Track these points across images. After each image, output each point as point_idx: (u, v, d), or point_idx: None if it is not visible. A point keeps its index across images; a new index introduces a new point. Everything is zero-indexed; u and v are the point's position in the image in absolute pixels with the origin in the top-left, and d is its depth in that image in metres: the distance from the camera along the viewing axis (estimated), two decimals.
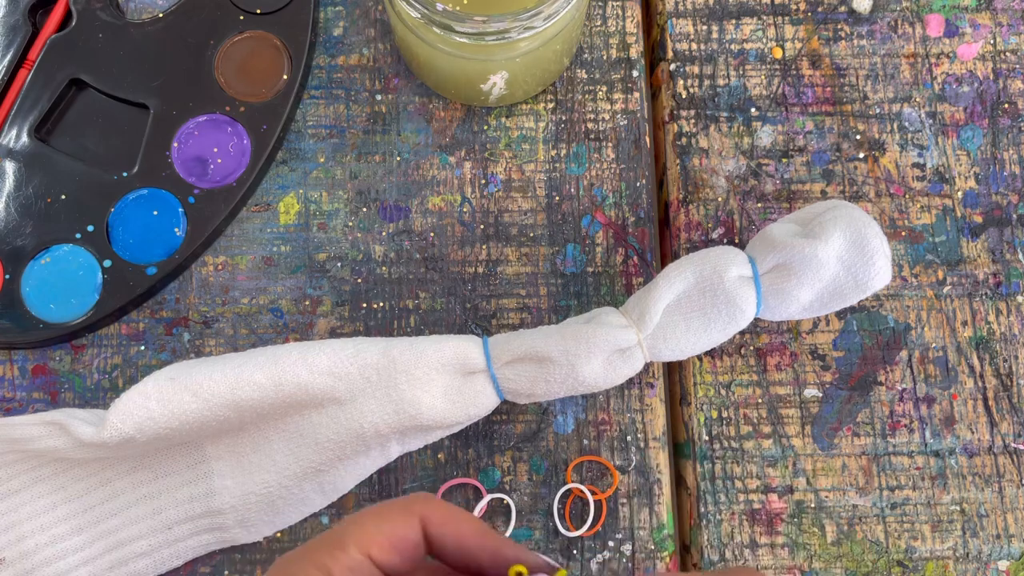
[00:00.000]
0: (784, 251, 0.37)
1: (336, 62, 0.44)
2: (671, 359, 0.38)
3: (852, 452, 0.40)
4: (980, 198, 0.43)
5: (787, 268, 0.37)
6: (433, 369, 0.37)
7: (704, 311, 0.37)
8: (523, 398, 0.38)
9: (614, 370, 0.37)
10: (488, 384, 0.37)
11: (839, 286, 0.37)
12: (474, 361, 0.37)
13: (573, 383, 0.37)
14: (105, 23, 0.43)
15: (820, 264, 0.36)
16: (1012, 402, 0.41)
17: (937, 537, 0.40)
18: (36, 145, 0.42)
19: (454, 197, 0.43)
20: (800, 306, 0.37)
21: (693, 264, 0.37)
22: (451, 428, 0.38)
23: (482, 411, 0.38)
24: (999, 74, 0.44)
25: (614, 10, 0.45)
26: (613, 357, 0.37)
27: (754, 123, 0.44)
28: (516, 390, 0.37)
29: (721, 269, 0.37)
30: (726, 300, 0.37)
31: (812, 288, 0.37)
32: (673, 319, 0.37)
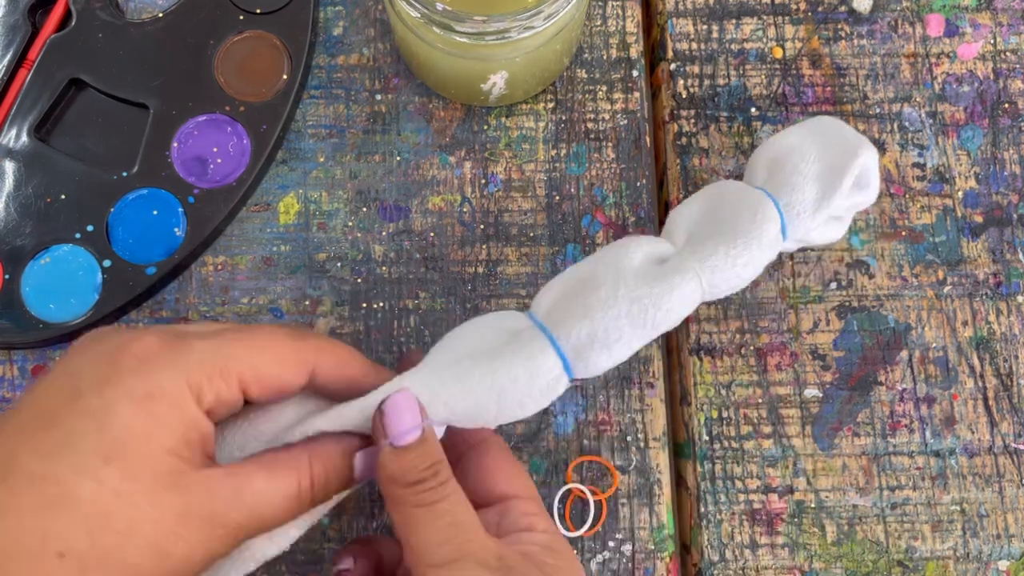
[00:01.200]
0: (763, 151, 0.38)
1: (336, 62, 0.44)
2: (722, 268, 0.35)
3: (852, 452, 0.40)
4: (980, 198, 0.43)
5: (775, 163, 0.37)
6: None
7: (728, 215, 0.35)
8: (587, 344, 0.33)
9: (658, 276, 0.34)
10: (538, 334, 0.33)
11: (832, 159, 0.37)
12: (515, 321, 0.34)
13: (625, 291, 0.33)
14: (105, 23, 0.43)
15: (796, 144, 0.37)
16: (1012, 402, 0.41)
17: (937, 537, 0.40)
18: (36, 145, 0.42)
19: (454, 197, 0.43)
20: (812, 188, 0.36)
21: (696, 195, 0.37)
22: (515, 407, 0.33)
23: (541, 369, 0.32)
24: (999, 74, 0.44)
25: (614, 10, 0.45)
26: (654, 264, 0.34)
27: (754, 123, 0.44)
28: (570, 330, 0.32)
29: (722, 186, 0.37)
30: (740, 202, 0.36)
31: (807, 165, 0.37)
32: (704, 233, 0.35)
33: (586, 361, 0.33)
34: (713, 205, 0.36)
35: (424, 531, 0.28)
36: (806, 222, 0.36)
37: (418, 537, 0.28)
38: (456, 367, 0.32)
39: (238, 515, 0.27)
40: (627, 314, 0.33)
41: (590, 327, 0.32)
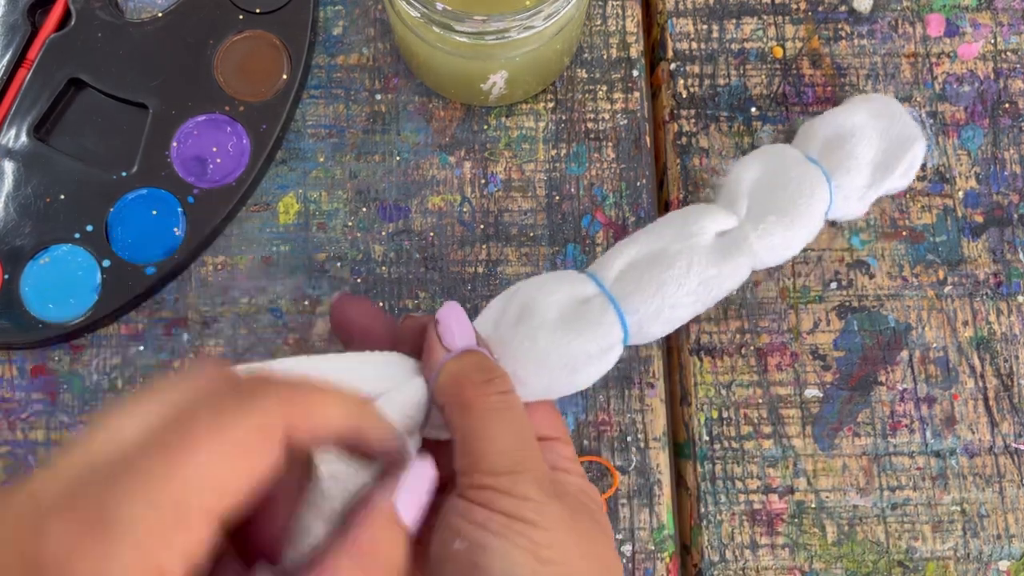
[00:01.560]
0: (825, 125, 0.38)
1: (336, 62, 0.44)
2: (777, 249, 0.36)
3: (853, 452, 0.40)
4: (981, 198, 0.43)
5: (835, 141, 0.38)
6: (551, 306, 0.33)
7: (786, 189, 0.36)
8: (650, 319, 0.33)
9: (726, 257, 0.34)
10: (608, 308, 0.33)
11: (888, 148, 0.38)
12: (583, 288, 0.33)
13: (697, 270, 0.34)
14: (104, 22, 0.43)
15: (859, 127, 0.38)
16: (1013, 402, 0.41)
17: (938, 537, 0.40)
18: (35, 145, 0.42)
19: (454, 197, 0.43)
20: (865, 174, 0.37)
21: (756, 156, 0.37)
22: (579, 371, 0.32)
23: (609, 342, 0.32)
24: (1000, 74, 0.44)
25: (614, 9, 0.45)
26: (722, 241, 0.35)
27: (754, 123, 0.44)
28: (638, 305, 0.33)
29: (781, 152, 0.37)
30: (799, 178, 0.36)
31: (864, 150, 0.37)
32: (763, 205, 0.36)
33: (644, 333, 0.34)
34: (773, 171, 0.37)
35: (490, 437, 0.28)
36: (851, 204, 0.38)
37: (483, 443, 0.28)
38: (530, 342, 0.31)
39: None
40: (695, 292, 0.34)
41: (659, 303, 0.33)
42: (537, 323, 0.32)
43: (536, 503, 0.27)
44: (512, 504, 0.27)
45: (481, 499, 0.27)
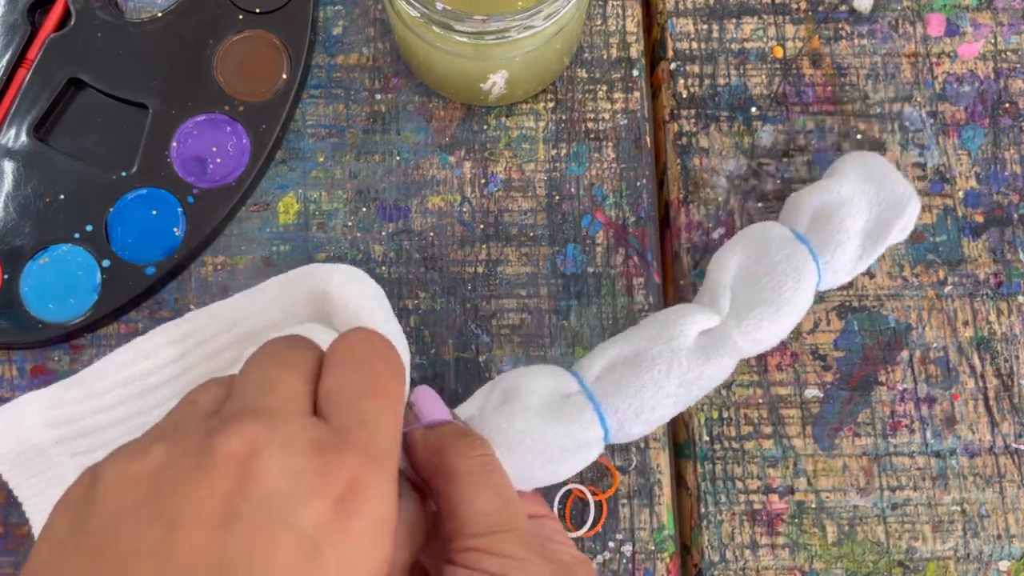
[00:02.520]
0: (812, 198, 0.37)
1: (335, 61, 0.44)
2: (764, 342, 0.36)
3: (853, 452, 0.40)
4: (981, 198, 0.43)
5: (823, 213, 0.37)
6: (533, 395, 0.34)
7: (771, 276, 0.36)
8: (630, 419, 0.34)
9: (709, 357, 0.34)
10: (587, 406, 0.33)
11: (880, 215, 0.37)
12: (566, 383, 0.34)
13: (678, 372, 0.34)
14: (104, 22, 0.43)
15: (847, 197, 0.37)
16: (1013, 402, 0.41)
17: (938, 537, 0.40)
18: (35, 145, 0.42)
19: (454, 197, 0.43)
20: (855, 245, 0.37)
21: (738, 242, 0.37)
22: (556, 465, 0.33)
23: (586, 439, 0.33)
24: (1000, 73, 0.44)
25: (614, 9, 0.45)
26: (704, 341, 0.35)
27: (755, 123, 0.44)
28: (618, 405, 0.33)
29: (765, 233, 0.37)
30: (784, 262, 0.36)
31: (854, 220, 0.37)
32: (747, 297, 0.36)
33: (625, 432, 0.34)
34: (756, 257, 0.36)
35: (473, 499, 0.28)
36: (841, 278, 0.37)
37: (466, 506, 0.28)
38: (507, 423, 0.32)
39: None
40: (675, 394, 0.34)
41: (638, 405, 0.34)
42: (517, 407, 0.32)
43: (521, 561, 0.27)
44: (497, 564, 0.27)
45: (468, 561, 0.27)
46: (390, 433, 0.25)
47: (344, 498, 0.23)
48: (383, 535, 0.24)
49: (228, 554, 0.21)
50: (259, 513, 0.22)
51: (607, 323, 0.41)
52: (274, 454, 0.23)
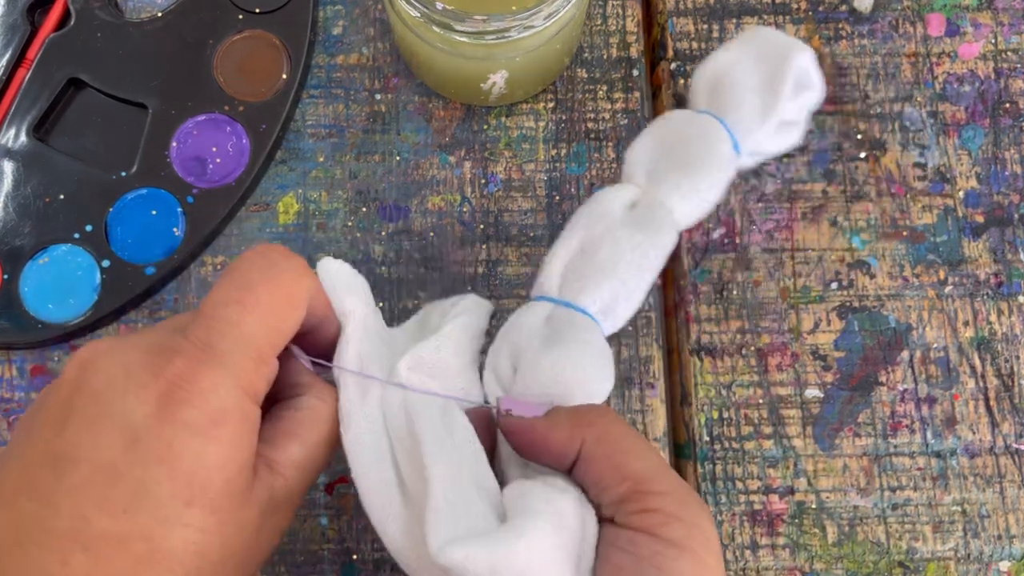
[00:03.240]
0: (701, 76, 0.38)
1: (335, 61, 0.44)
2: (696, 213, 0.36)
3: (853, 453, 0.40)
4: (981, 198, 0.43)
5: (715, 85, 0.38)
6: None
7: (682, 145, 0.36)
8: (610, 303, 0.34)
9: (642, 221, 0.35)
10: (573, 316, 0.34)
11: (769, 68, 0.37)
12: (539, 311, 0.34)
13: (627, 244, 0.34)
14: (104, 22, 0.43)
15: (732, 60, 0.38)
16: (1013, 402, 0.41)
17: (938, 538, 0.40)
18: (34, 145, 0.41)
19: (454, 197, 0.43)
20: (753, 101, 0.37)
21: (646, 132, 0.38)
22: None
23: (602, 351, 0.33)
24: (1000, 73, 0.44)
25: (614, 9, 0.45)
26: (634, 212, 0.35)
27: None
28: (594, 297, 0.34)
29: (669, 117, 0.38)
30: (691, 131, 0.37)
31: (745, 77, 0.37)
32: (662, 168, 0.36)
33: (613, 317, 0.34)
34: (664, 138, 0.37)
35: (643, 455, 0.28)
36: (755, 134, 0.37)
37: (639, 461, 0.27)
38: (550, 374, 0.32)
39: (291, 492, 0.28)
40: (633, 261, 0.34)
41: (610, 286, 0.34)
42: (532, 355, 0.32)
43: (703, 531, 0.26)
44: (683, 531, 0.26)
45: (649, 525, 0.26)
46: (240, 335, 0.26)
47: (169, 392, 0.24)
48: (219, 430, 0.25)
49: (62, 447, 0.24)
50: (90, 408, 0.24)
51: None
52: (112, 356, 0.25)
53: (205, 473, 0.24)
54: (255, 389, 0.26)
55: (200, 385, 0.25)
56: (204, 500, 0.24)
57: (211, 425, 0.25)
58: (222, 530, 0.25)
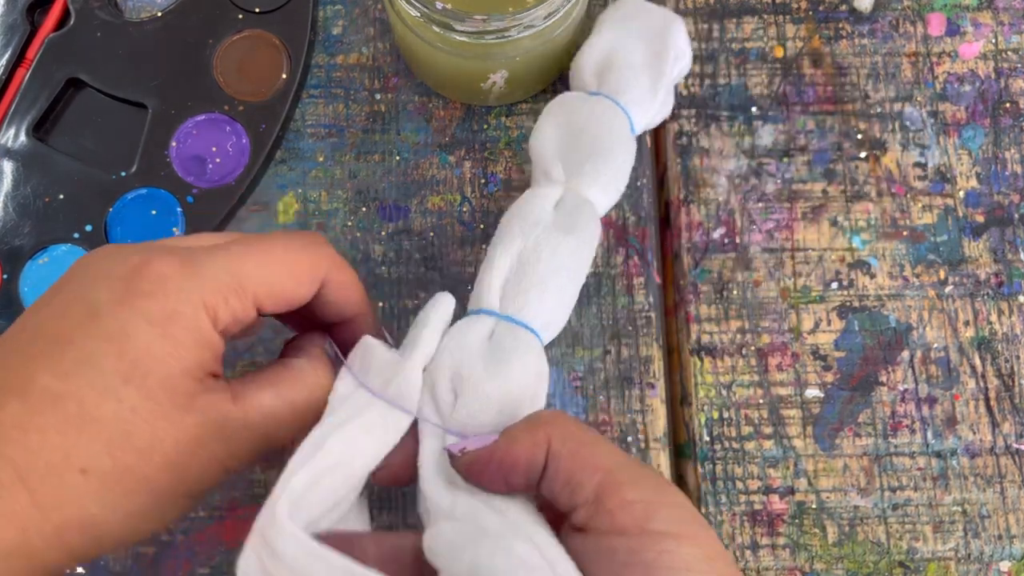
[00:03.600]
0: (586, 60, 0.39)
1: (335, 61, 0.44)
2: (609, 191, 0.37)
3: (853, 453, 0.40)
4: (982, 198, 0.43)
5: (602, 67, 0.39)
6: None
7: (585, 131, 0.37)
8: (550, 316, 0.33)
9: (573, 223, 0.34)
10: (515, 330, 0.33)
11: (651, 44, 0.39)
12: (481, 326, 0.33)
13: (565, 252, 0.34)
14: (103, 22, 0.43)
15: (614, 43, 0.39)
16: (1014, 403, 0.41)
17: (939, 538, 0.40)
18: (34, 144, 0.41)
19: (454, 197, 0.42)
20: (643, 78, 0.38)
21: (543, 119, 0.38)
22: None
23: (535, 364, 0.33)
24: (1001, 73, 0.44)
25: None
26: (561, 213, 0.35)
27: (755, 122, 0.43)
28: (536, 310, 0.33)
29: (564, 100, 0.38)
30: (591, 115, 0.37)
31: (631, 56, 0.38)
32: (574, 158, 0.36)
33: (552, 328, 0.34)
34: (568, 126, 0.37)
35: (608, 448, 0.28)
36: (647, 110, 0.38)
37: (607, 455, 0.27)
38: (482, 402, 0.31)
39: (248, 434, 0.28)
40: (572, 267, 0.34)
41: (552, 298, 0.33)
42: (475, 380, 0.31)
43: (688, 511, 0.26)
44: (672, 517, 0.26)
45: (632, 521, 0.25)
46: (227, 265, 0.28)
47: (137, 284, 0.27)
48: (171, 327, 0.27)
49: (34, 322, 0.27)
50: (68, 292, 0.27)
51: (607, 323, 0.41)
52: (106, 252, 0.28)
53: (149, 360, 0.26)
54: (217, 314, 0.27)
55: (166, 286, 0.27)
56: (142, 383, 0.26)
57: (165, 320, 0.26)
58: (153, 420, 0.26)
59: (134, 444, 0.26)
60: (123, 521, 0.26)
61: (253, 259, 0.28)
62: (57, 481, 0.25)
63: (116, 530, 0.26)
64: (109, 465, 0.26)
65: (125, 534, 0.27)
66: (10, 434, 0.25)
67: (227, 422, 0.28)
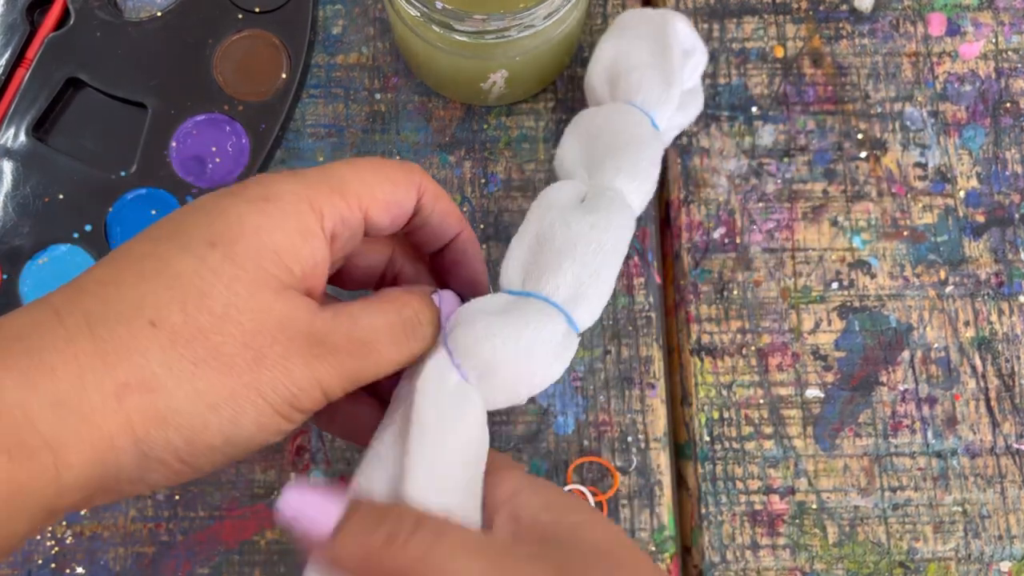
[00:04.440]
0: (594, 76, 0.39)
1: (335, 61, 0.44)
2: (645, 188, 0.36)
3: (854, 453, 0.40)
4: (982, 198, 0.43)
5: (611, 76, 0.39)
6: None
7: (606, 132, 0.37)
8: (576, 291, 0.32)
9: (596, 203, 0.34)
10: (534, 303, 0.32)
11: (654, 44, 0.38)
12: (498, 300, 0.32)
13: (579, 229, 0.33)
14: (103, 22, 0.43)
15: (617, 49, 0.39)
16: (1014, 403, 0.41)
17: (939, 538, 0.40)
18: (34, 144, 0.41)
19: (454, 196, 0.42)
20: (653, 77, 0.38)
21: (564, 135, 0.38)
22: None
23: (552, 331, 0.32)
24: (1001, 73, 0.44)
25: (615, 8, 0.45)
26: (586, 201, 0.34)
27: (755, 122, 0.43)
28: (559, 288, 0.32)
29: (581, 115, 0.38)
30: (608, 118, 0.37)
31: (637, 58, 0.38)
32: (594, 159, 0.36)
33: (585, 303, 0.32)
34: (589, 135, 0.37)
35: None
36: (665, 107, 0.38)
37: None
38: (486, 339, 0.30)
39: (341, 340, 0.27)
40: (593, 241, 0.33)
41: (572, 269, 0.32)
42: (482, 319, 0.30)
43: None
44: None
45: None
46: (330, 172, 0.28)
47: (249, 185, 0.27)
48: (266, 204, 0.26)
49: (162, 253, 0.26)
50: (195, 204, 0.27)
51: (607, 323, 0.41)
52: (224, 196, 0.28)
53: (239, 228, 0.26)
54: (323, 212, 0.27)
55: (271, 179, 0.27)
56: (228, 248, 0.25)
57: (262, 199, 0.26)
58: (233, 286, 0.25)
59: (208, 306, 0.25)
60: (190, 399, 0.24)
61: (350, 168, 0.28)
62: (124, 331, 0.24)
63: (183, 407, 0.24)
64: (180, 321, 0.24)
65: (192, 418, 0.24)
66: (90, 287, 0.25)
67: (316, 320, 0.26)
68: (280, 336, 0.25)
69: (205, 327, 0.25)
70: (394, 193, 0.29)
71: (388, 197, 0.29)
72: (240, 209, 0.26)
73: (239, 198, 0.26)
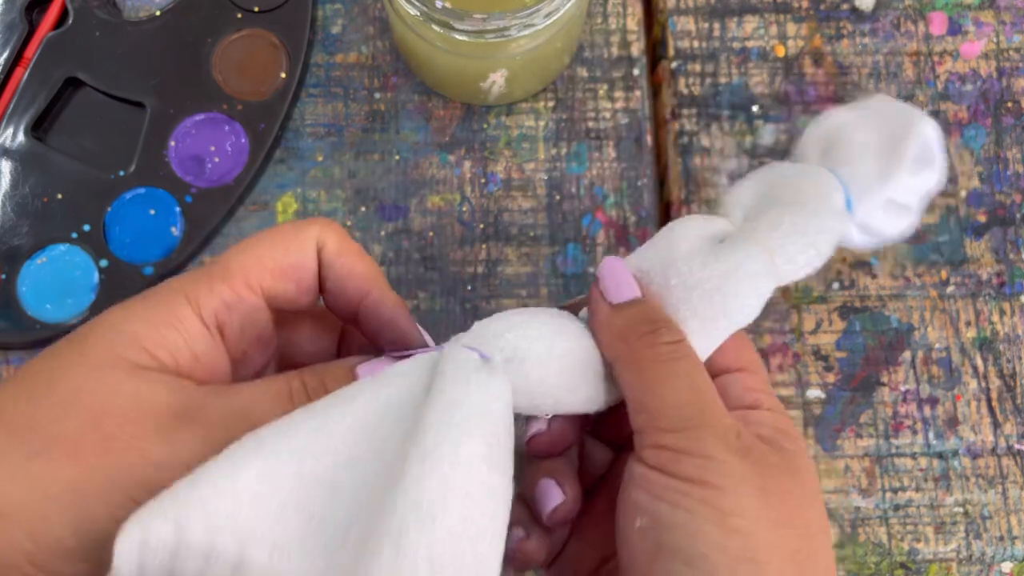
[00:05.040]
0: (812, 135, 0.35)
1: (334, 60, 0.44)
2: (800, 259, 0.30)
3: (855, 453, 0.40)
4: (984, 197, 0.43)
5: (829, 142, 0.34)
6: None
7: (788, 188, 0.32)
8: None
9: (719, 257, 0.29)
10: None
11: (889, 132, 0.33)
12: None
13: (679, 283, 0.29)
14: (102, 21, 0.42)
15: (847, 119, 0.34)
16: (1016, 403, 0.41)
17: (940, 539, 0.39)
18: (32, 144, 0.41)
19: (453, 196, 0.42)
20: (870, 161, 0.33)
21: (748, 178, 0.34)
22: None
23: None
24: (1002, 72, 0.44)
25: (615, 8, 0.44)
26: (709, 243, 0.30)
27: (756, 121, 0.43)
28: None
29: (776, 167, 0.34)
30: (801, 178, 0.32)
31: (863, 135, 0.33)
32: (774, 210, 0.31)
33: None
34: (770, 182, 0.33)
35: (662, 391, 0.26)
36: (872, 196, 0.32)
37: (655, 397, 0.26)
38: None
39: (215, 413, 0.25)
40: (687, 306, 0.29)
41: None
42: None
43: (720, 463, 0.25)
44: (693, 467, 0.25)
45: (660, 462, 0.26)
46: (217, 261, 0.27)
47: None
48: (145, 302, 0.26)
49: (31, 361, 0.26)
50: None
51: None
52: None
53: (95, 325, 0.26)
54: (196, 299, 0.26)
55: (165, 282, 0.27)
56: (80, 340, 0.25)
57: (138, 298, 0.26)
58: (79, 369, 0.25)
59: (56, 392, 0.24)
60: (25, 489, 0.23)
61: (237, 249, 0.27)
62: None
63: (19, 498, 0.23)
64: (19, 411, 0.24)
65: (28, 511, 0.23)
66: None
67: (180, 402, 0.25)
68: (133, 415, 0.24)
69: (47, 415, 0.24)
70: (286, 257, 0.27)
71: (280, 263, 0.27)
72: (112, 311, 0.26)
73: (120, 304, 0.26)
